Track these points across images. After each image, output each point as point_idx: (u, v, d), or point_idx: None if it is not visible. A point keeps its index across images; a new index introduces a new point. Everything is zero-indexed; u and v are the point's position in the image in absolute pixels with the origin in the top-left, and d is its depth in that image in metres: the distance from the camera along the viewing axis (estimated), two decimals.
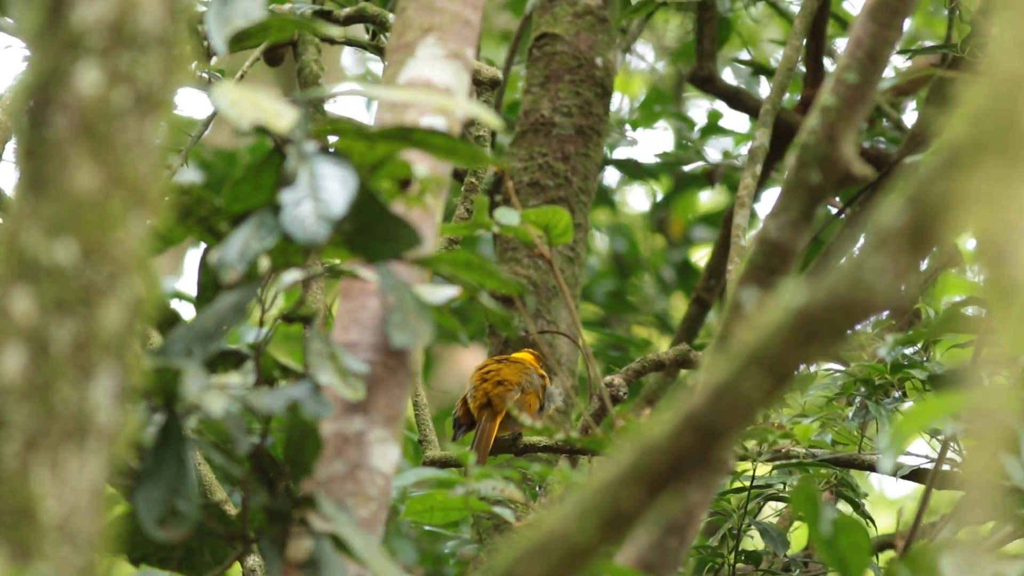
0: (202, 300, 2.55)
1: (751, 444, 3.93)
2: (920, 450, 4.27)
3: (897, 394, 4.17)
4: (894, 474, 4.21)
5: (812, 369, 4.06)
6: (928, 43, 6.72)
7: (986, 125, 1.81)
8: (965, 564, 1.77)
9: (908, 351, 4.16)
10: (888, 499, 7.87)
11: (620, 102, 7.40)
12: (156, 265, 2.21)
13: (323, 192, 2.46)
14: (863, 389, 4.15)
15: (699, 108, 7.55)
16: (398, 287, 2.56)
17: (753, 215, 6.42)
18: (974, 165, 1.81)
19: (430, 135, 2.56)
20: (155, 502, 2.37)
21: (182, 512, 2.38)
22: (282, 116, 2.44)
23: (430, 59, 2.79)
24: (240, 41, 2.60)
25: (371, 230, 2.53)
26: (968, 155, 1.83)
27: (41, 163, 2.04)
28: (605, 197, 7.15)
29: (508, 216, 3.35)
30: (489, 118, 2.66)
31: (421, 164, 2.64)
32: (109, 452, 2.03)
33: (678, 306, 7.23)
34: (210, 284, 2.53)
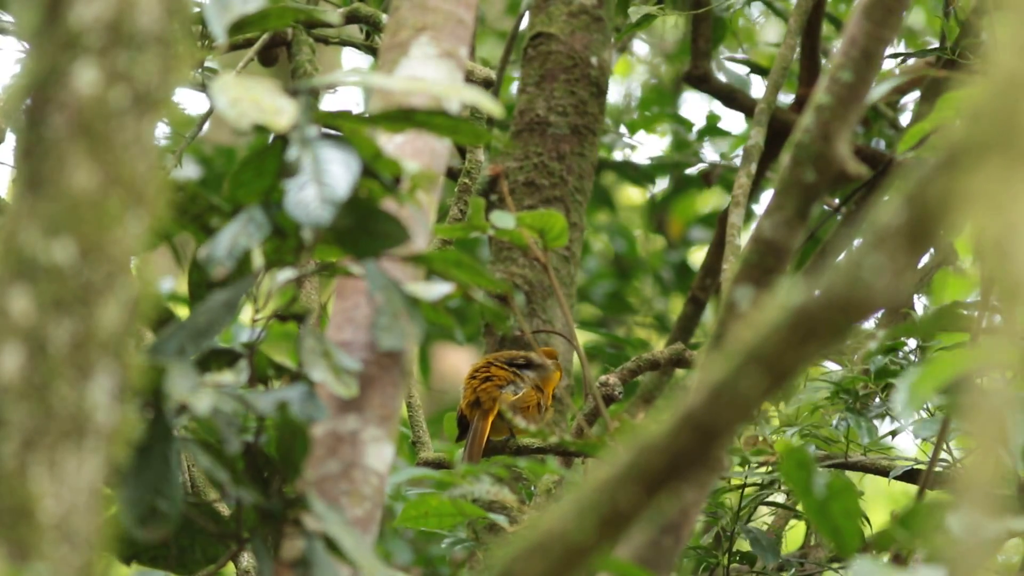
0: (195, 299, 2.55)
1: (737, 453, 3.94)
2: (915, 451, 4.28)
3: (878, 401, 4.17)
4: (887, 474, 4.21)
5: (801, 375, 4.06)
6: (925, 39, 6.73)
7: (987, 125, 1.81)
8: (971, 521, 1.76)
9: (899, 354, 4.15)
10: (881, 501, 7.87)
11: (618, 94, 7.39)
12: (152, 264, 2.21)
13: (326, 176, 2.46)
14: (848, 398, 4.15)
15: (698, 107, 7.56)
16: (387, 287, 2.55)
17: (750, 214, 6.43)
18: (975, 166, 1.81)
19: (432, 115, 2.56)
20: (136, 502, 2.37)
21: (164, 512, 2.37)
22: (282, 114, 2.44)
23: (423, 58, 2.79)
24: (239, 30, 2.60)
25: (360, 226, 2.52)
26: (969, 155, 1.82)
27: (39, 162, 2.04)
28: (604, 197, 7.15)
29: (503, 219, 3.35)
30: (488, 104, 2.65)
31: (411, 161, 2.64)
32: (107, 451, 2.03)
33: (677, 307, 7.24)
34: (202, 282, 2.53)
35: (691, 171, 7.00)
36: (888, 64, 6.14)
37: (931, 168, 1.89)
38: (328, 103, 5.51)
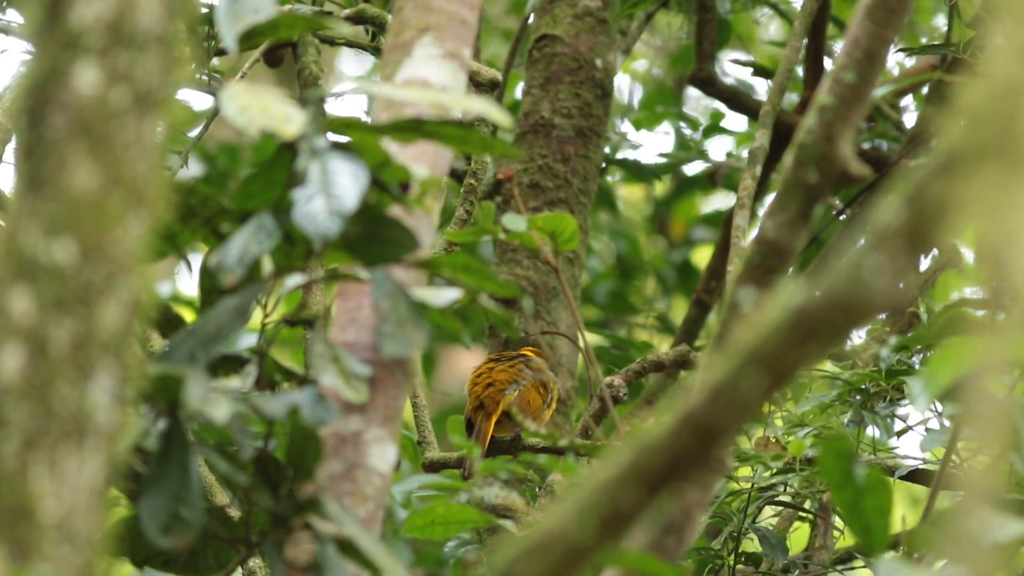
0: (204, 304, 2.55)
1: (749, 448, 3.93)
2: (915, 451, 4.27)
3: (887, 401, 4.17)
4: (892, 474, 4.21)
5: (808, 375, 4.05)
6: (925, 39, 6.73)
7: (985, 131, 1.81)
8: (991, 523, 1.76)
9: (906, 356, 4.15)
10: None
11: (623, 92, 7.38)
12: (153, 268, 2.21)
13: (335, 188, 2.46)
14: (858, 397, 4.15)
15: (701, 107, 7.53)
16: (392, 293, 2.55)
17: (755, 215, 6.42)
18: (973, 171, 1.81)
19: (442, 125, 2.56)
20: (159, 509, 2.37)
21: (186, 519, 2.38)
22: (291, 121, 2.44)
23: (427, 59, 2.79)
24: (249, 39, 2.60)
25: (371, 234, 2.53)
26: (967, 161, 1.82)
27: (40, 162, 2.04)
28: (607, 199, 7.15)
29: (515, 222, 3.35)
30: (499, 116, 2.65)
31: (416, 164, 2.64)
32: (108, 451, 2.03)
33: (679, 307, 7.23)
34: (212, 288, 2.53)
35: (694, 168, 6.98)
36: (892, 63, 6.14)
37: (931, 169, 1.89)
38: (334, 107, 5.51)
